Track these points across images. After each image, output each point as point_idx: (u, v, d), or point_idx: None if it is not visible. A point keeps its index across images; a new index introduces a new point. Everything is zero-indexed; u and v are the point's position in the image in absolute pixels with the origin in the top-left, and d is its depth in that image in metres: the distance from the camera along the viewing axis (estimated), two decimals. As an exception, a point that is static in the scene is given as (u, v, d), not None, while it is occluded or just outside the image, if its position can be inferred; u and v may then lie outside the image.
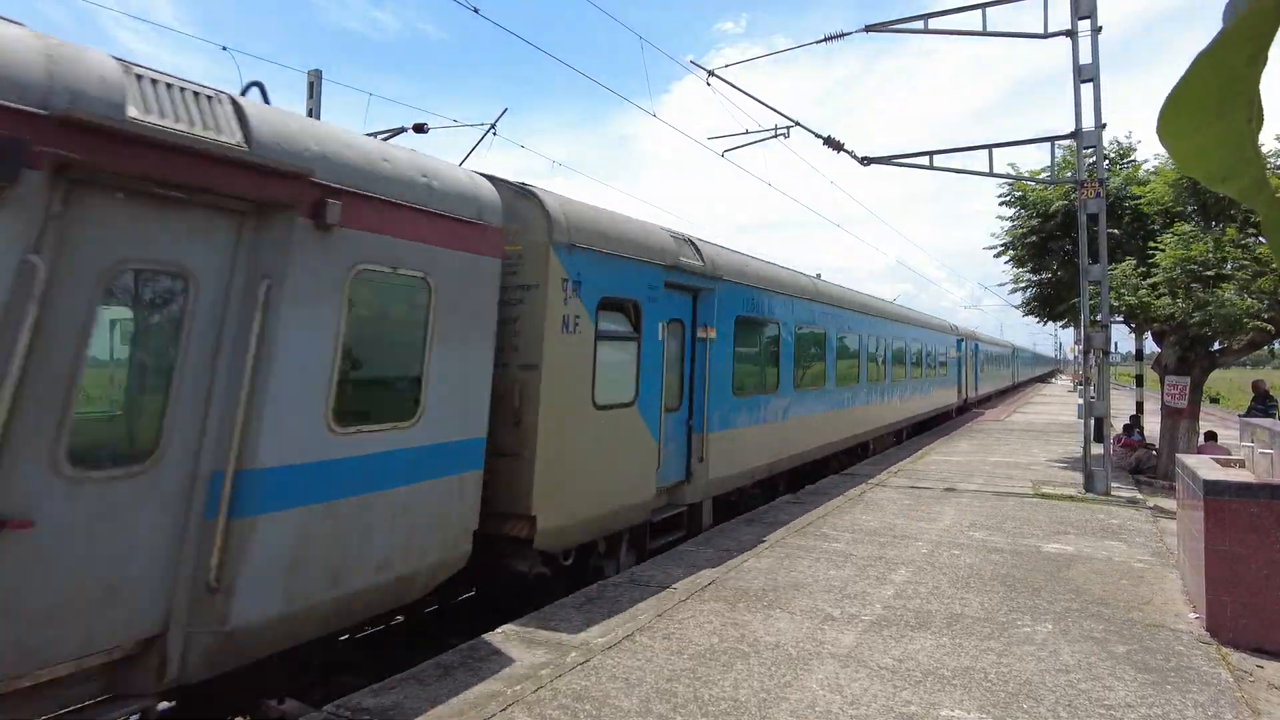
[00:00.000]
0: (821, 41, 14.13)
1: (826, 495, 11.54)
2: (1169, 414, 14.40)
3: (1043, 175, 15.17)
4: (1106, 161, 13.47)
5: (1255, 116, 0.76)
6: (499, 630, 5.72)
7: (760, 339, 11.07)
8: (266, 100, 4.82)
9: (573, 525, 6.82)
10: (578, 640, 5.51)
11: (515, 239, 6.56)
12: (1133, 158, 15.96)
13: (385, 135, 11.82)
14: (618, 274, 7.53)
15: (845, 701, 4.55)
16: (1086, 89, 11.72)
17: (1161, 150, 18.08)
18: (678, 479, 8.98)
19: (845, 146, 13.83)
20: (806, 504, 10.85)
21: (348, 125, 4.91)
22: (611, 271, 7.43)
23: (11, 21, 3.49)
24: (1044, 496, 11.65)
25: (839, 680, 4.86)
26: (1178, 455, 8.17)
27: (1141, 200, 14.09)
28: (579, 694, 4.61)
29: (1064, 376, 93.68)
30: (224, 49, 10.93)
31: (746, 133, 14.80)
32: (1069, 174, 13.17)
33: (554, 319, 6.61)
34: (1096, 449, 12.17)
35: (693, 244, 9.25)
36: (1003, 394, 46.09)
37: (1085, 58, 11.65)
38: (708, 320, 9.35)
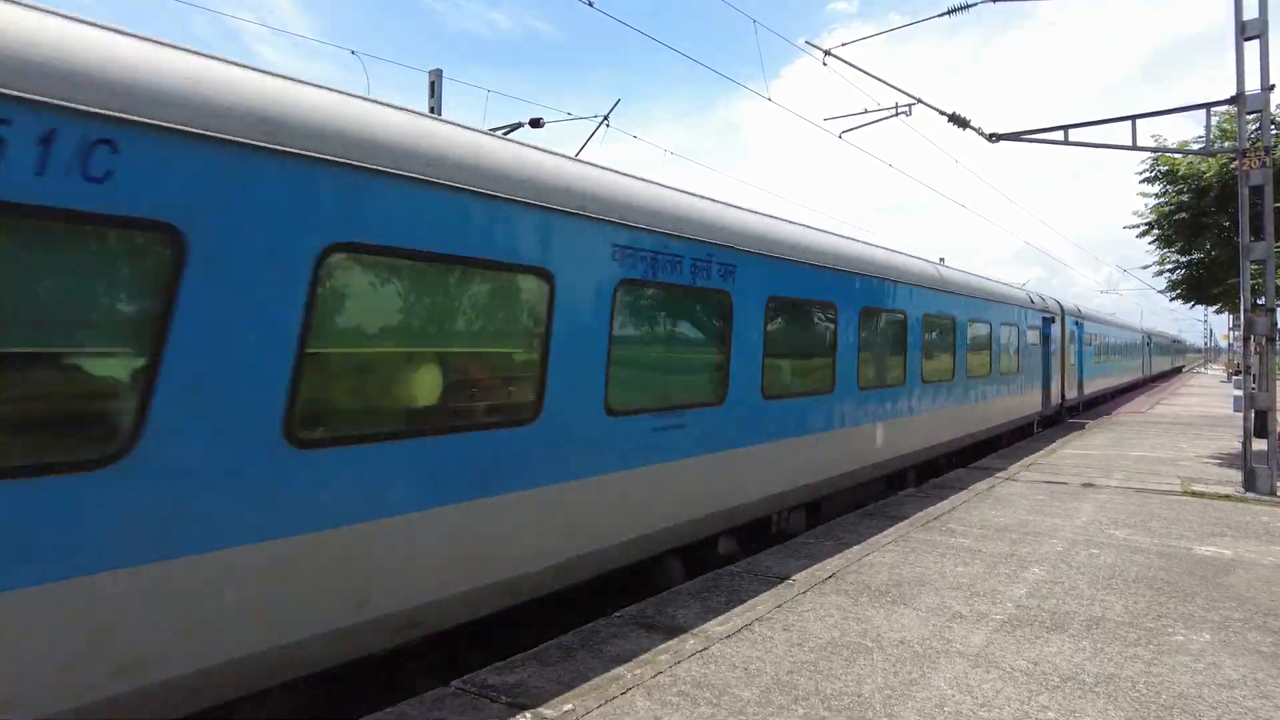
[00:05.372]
0: (944, 15, 13.46)
1: (952, 489, 11.07)
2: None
3: (1194, 146, 13.91)
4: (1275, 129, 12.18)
5: None
6: (617, 614, 5.81)
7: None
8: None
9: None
10: (695, 628, 5.52)
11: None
12: None
13: (504, 130, 12.16)
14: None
15: (976, 703, 4.35)
16: (1250, 47, 10.63)
17: None
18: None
19: (971, 123, 13.14)
20: (930, 497, 10.44)
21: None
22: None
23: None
24: (1195, 495, 10.74)
25: (969, 681, 4.65)
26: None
27: None
28: (698, 681, 4.62)
29: (1215, 366, 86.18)
30: (352, 53, 11.62)
31: (865, 112, 14.30)
32: (1227, 144, 12.03)
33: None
34: (1259, 444, 11.11)
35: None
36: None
37: (1250, 12, 10.57)
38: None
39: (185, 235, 3.59)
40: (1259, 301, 11.02)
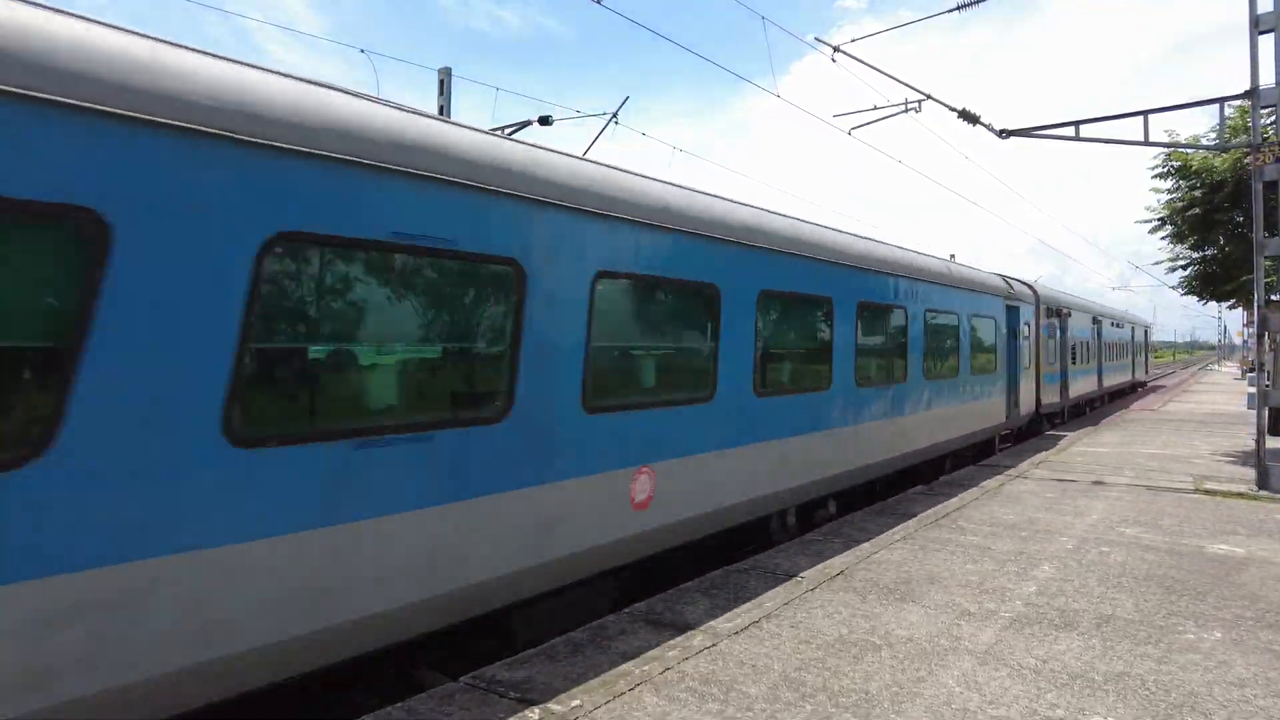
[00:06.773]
0: (953, 10, 13.39)
1: (962, 487, 11.04)
2: (1361, 404, 12.82)
3: (1207, 141, 13.81)
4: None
5: None
6: (626, 610, 5.83)
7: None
8: None
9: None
10: (703, 625, 5.53)
11: None
12: None
13: (512, 129, 12.19)
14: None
15: (984, 700, 4.35)
16: (1265, 41, 10.53)
17: None
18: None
19: (981, 119, 13.07)
20: (940, 495, 10.42)
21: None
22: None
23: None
24: (1208, 493, 10.67)
25: (977, 678, 4.65)
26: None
27: None
28: (706, 677, 4.63)
29: (1229, 363, 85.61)
30: (361, 51, 11.70)
31: (875, 108, 14.24)
32: (1241, 138, 11.92)
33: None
34: (1273, 442, 11.02)
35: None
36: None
37: (1264, 5, 10.48)
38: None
39: None
40: (1273, 297, 10.93)
